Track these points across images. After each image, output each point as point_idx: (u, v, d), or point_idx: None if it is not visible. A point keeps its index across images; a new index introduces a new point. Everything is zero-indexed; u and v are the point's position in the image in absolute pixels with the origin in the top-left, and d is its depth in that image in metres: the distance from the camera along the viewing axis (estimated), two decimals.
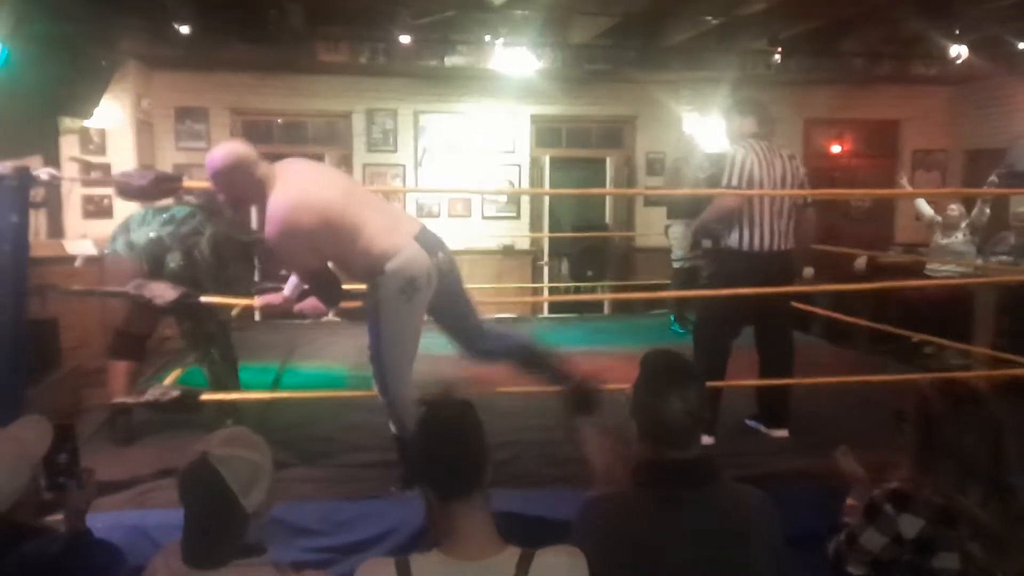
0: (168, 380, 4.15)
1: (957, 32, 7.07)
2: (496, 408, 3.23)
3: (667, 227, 6.95)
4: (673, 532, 1.76)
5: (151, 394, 3.37)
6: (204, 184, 3.22)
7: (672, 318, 6.96)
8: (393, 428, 3.11)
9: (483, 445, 1.73)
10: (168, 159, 8.41)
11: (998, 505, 1.97)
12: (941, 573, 1.96)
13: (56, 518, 2.55)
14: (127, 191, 3.27)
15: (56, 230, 7.09)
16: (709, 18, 7.03)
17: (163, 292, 3.42)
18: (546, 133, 9.52)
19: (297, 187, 2.90)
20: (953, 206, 7.01)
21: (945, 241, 6.99)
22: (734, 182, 3.84)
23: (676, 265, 6.80)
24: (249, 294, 3.68)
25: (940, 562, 1.95)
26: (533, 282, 9.12)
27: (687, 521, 1.77)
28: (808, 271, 7.33)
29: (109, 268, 3.93)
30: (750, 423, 4.06)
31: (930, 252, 7.16)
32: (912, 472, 2.08)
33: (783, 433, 3.93)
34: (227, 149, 2.98)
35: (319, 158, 8.77)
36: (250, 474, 1.75)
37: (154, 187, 3.23)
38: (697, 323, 4.27)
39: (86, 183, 7.26)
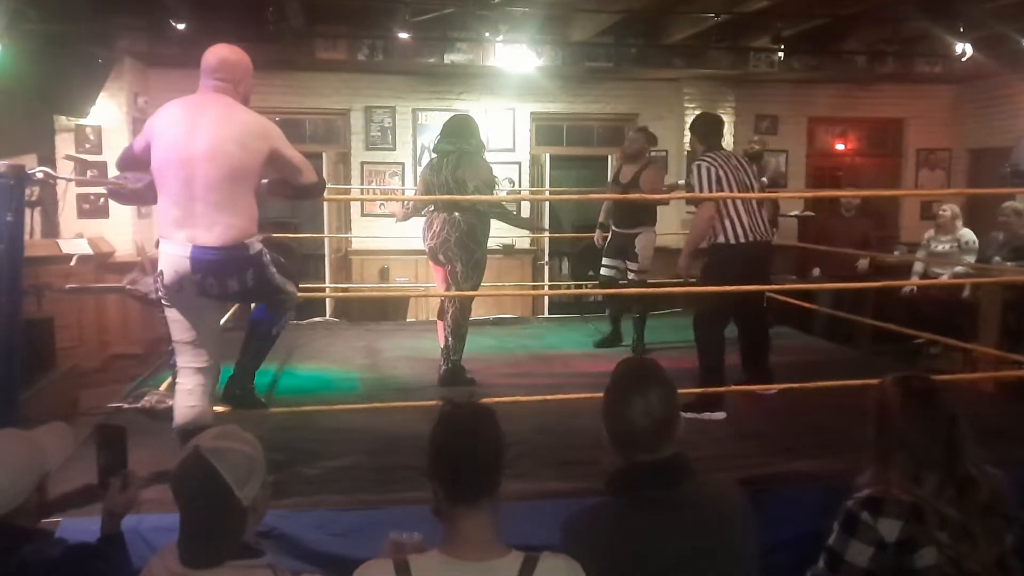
0: (164, 387, 3.96)
1: (961, 30, 7.03)
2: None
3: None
4: (654, 534, 1.79)
5: (146, 400, 3.30)
6: None
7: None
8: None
9: (497, 455, 1.72)
10: None
11: (956, 496, 2.00)
12: (923, 571, 1.97)
13: (55, 520, 2.52)
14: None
15: (51, 229, 7.04)
16: (711, 15, 6.98)
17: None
18: (546, 131, 9.46)
19: None
20: (945, 207, 6.90)
21: (936, 246, 6.89)
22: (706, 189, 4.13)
23: (607, 273, 5.87)
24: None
25: (921, 560, 1.97)
26: (533, 282, 9.05)
27: (666, 521, 1.80)
28: (815, 271, 7.24)
29: None
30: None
31: (921, 255, 7.07)
32: (876, 471, 2.11)
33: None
34: None
35: (317, 156, 8.75)
36: (244, 466, 1.75)
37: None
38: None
39: (81, 183, 7.19)
